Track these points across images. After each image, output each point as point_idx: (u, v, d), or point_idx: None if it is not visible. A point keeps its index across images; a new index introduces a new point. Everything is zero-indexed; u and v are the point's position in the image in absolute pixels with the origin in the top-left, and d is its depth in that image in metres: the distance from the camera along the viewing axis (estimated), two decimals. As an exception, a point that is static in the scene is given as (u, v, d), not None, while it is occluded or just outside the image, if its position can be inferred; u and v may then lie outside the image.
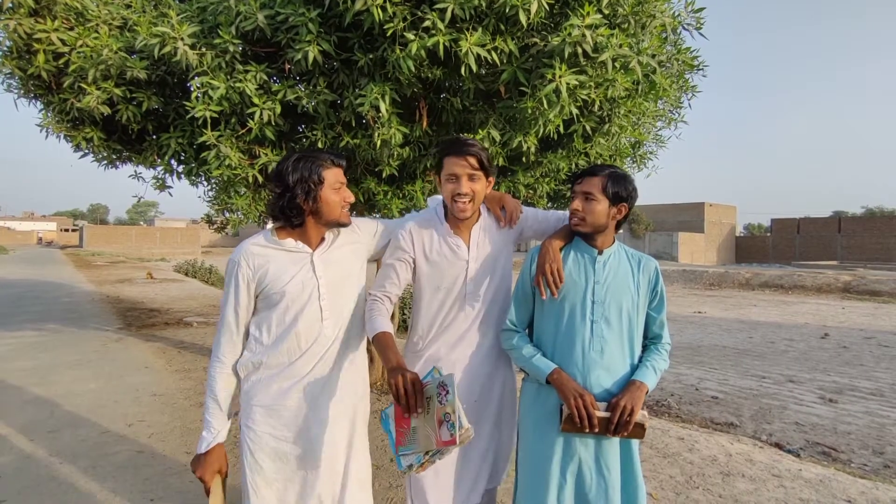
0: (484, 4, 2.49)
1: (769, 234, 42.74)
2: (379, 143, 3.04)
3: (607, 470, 1.63)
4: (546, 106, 2.65)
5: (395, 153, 3.29)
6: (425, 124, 3.37)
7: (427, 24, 2.52)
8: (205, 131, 2.98)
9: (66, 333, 7.37)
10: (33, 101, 3.57)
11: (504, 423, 1.87)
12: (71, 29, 3.12)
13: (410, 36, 2.55)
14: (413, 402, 1.40)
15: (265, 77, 2.96)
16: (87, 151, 3.66)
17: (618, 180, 1.65)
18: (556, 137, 3.36)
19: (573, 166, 3.99)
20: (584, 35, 2.45)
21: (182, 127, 3.31)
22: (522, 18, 2.46)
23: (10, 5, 3.04)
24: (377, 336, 1.61)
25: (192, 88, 3.04)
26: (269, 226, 1.74)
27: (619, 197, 1.66)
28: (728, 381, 6.27)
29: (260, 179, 3.35)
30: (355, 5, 2.46)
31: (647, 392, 1.61)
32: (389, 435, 1.45)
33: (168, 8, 2.97)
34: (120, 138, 3.68)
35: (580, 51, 2.51)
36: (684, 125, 4.75)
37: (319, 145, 3.23)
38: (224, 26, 2.78)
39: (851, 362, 7.37)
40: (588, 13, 2.47)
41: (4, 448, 3.42)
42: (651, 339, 1.76)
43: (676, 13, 3.00)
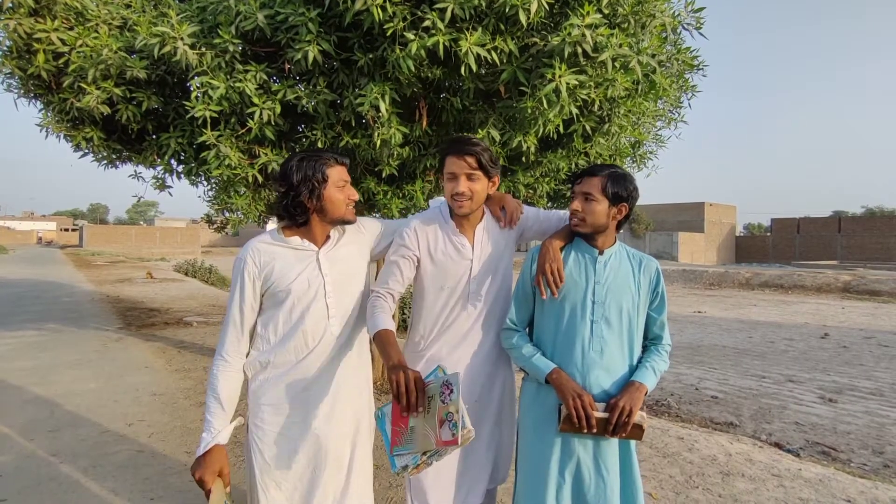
0: (484, 4, 2.49)
1: (769, 234, 42.74)
2: (379, 142, 3.04)
3: (606, 470, 1.62)
4: (546, 106, 2.65)
5: (394, 153, 3.29)
6: (425, 124, 3.37)
7: (427, 23, 2.52)
8: (204, 131, 2.98)
9: (66, 333, 7.37)
10: (33, 100, 3.58)
11: (504, 424, 1.87)
12: (71, 29, 3.12)
13: (410, 36, 2.55)
14: (414, 401, 1.37)
15: (265, 77, 2.96)
16: (86, 151, 3.66)
17: (618, 180, 1.64)
18: (555, 137, 3.36)
19: (573, 166, 3.99)
20: (583, 35, 2.45)
21: (182, 127, 3.31)
22: (522, 18, 2.46)
23: (10, 5, 3.04)
24: (378, 333, 1.59)
25: (191, 88, 3.04)
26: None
27: (619, 197, 1.65)
28: (728, 381, 6.28)
29: (260, 179, 3.35)
30: (355, 5, 2.46)
31: (646, 393, 1.60)
32: (384, 435, 1.43)
33: (168, 8, 2.97)
34: (120, 138, 3.68)
35: (580, 50, 2.51)
36: (684, 125, 4.76)
37: (319, 145, 3.23)
38: (224, 26, 2.79)
39: (851, 362, 7.37)
40: (588, 13, 2.47)
41: (4, 448, 3.42)
42: (651, 340, 1.75)
43: (676, 13, 3.00)
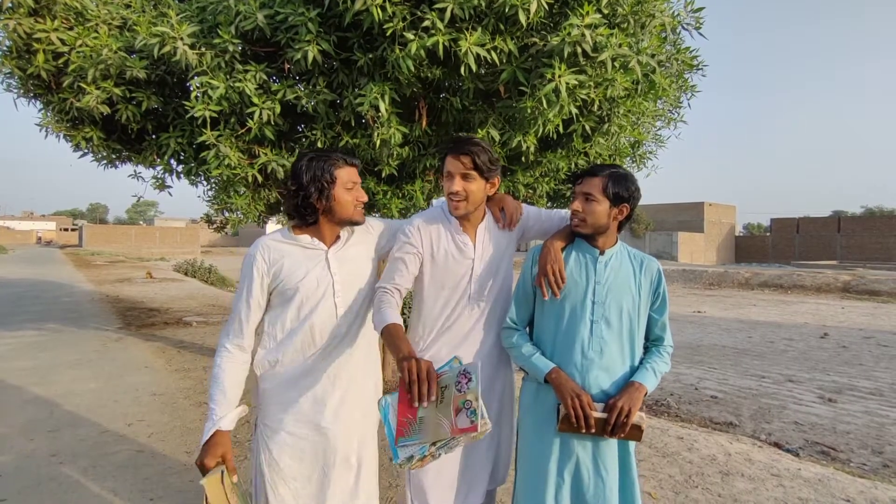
0: (483, 4, 2.49)
1: (769, 234, 42.73)
2: (378, 142, 3.04)
3: (605, 471, 1.62)
4: (545, 105, 2.65)
5: (394, 153, 3.29)
6: (424, 124, 3.37)
7: (426, 23, 2.52)
8: (204, 131, 2.98)
9: (65, 333, 7.37)
10: (33, 100, 3.58)
11: (504, 424, 1.87)
12: (70, 29, 3.12)
13: (410, 36, 2.55)
14: (426, 390, 1.32)
15: (265, 77, 2.96)
16: (86, 151, 3.66)
17: (619, 180, 1.63)
18: (555, 137, 3.36)
19: (573, 166, 3.99)
20: (583, 35, 2.46)
21: (181, 126, 3.31)
22: (522, 18, 2.46)
23: (10, 5, 3.04)
24: (387, 327, 1.55)
25: (191, 88, 3.04)
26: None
27: (620, 197, 1.64)
28: (727, 381, 6.28)
29: (259, 179, 3.35)
30: (355, 5, 2.47)
31: (645, 394, 1.60)
32: (387, 425, 1.37)
33: (167, 7, 2.97)
34: (119, 138, 3.68)
35: (579, 50, 2.51)
36: (684, 125, 4.76)
37: (319, 145, 3.23)
38: (223, 26, 2.79)
39: (851, 362, 7.38)
40: (587, 13, 2.47)
41: (4, 448, 3.42)
42: (653, 342, 1.75)
43: (676, 13, 3.00)
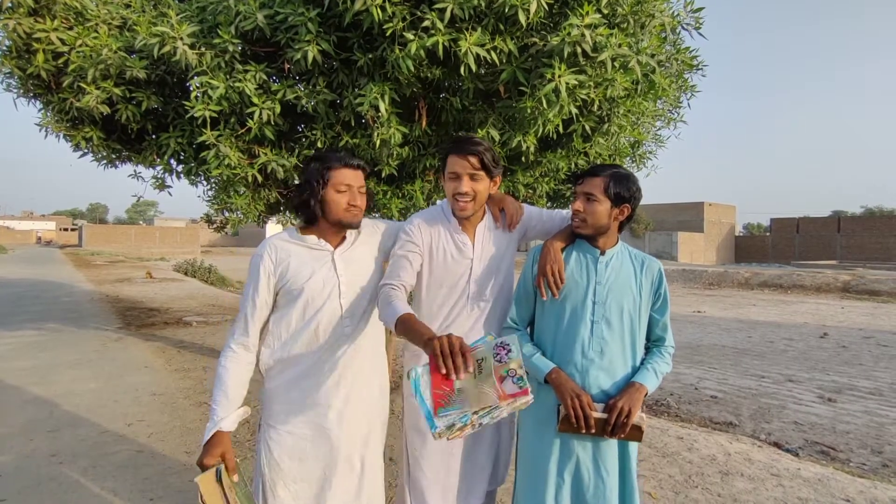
0: (483, 4, 2.49)
1: (768, 234, 42.74)
2: (378, 142, 3.04)
3: (605, 471, 1.62)
4: (545, 105, 2.65)
5: (394, 153, 3.29)
6: (424, 124, 3.37)
7: (426, 23, 2.52)
8: (204, 131, 2.98)
9: (65, 333, 7.37)
10: (33, 100, 3.57)
11: (504, 425, 1.87)
12: (70, 28, 3.12)
13: (410, 36, 2.55)
14: (460, 361, 1.25)
15: (264, 77, 2.96)
16: (86, 151, 3.66)
17: (620, 181, 1.63)
18: (555, 137, 3.36)
19: (572, 166, 4.00)
20: (583, 35, 2.46)
21: (181, 126, 3.31)
22: (522, 18, 2.47)
23: (10, 5, 3.04)
24: (401, 318, 1.47)
25: (191, 88, 3.04)
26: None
27: (621, 198, 1.63)
28: (727, 381, 6.28)
29: (259, 179, 3.35)
30: (355, 5, 2.47)
31: (645, 395, 1.60)
32: (420, 397, 1.31)
33: (167, 7, 2.97)
34: (119, 138, 3.68)
35: (579, 50, 2.51)
36: (683, 125, 4.77)
37: (319, 145, 3.24)
38: (223, 26, 2.79)
39: (850, 362, 7.38)
40: (587, 13, 2.47)
41: (4, 448, 3.42)
42: (654, 342, 1.75)
43: (675, 13, 3.01)
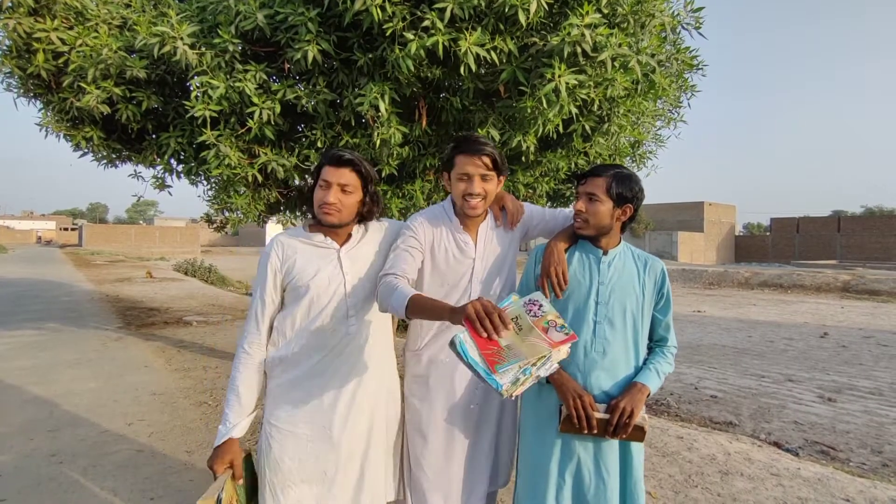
0: (483, 4, 2.49)
1: (769, 234, 42.73)
2: (378, 142, 3.04)
3: (606, 472, 1.62)
4: (545, 105, 2.65)
5: (394, 152, 3.29)
6: (424, 124, 3.37)
7: (426, 23, 2.52)
8: (204, 130, 2.98)
9: (65, 332, 7.37)
10: (33, 100, 3.58)
11: (505, 426, 1.87)
12: (70, 28, 3.12)
13: (410, 35, 2.55)
14: (497, 321, 1.22)
15: (265, 76, 2.96)
16: (86, 150, 3.66)
17: (622, 180, 1.63)
18: (555, 137, 3.36)
19: (572, 166, 4.00)
20: (583, 34, 2.46)
21: (182, 126, 3.31)
22: (522, 18, 2.47)
23: (10, 4, 3.04)
24: (412, 299, 1.42)
25: (191, 88, 3.04)
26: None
27: (623, 198, 1.63)
28: (727, 380, 6.28)
29: (259, 178, 3.35)
30: (355, 5, 2.47)
31: (648, 395, 1.59)
32: (472, 362, 1.26)
33: (168, 7, 2.97)
34: (119, 137, 3.68)
35: (579, 50, 2.51)
36: (684, 124, 4.77)
37: (319, 145, 3.24)
38: (223, 26, 2.79)
39: (850, 361, 7.38)
40: (587, 12, 2.47)
41: (4, 447, 3.42)
42: (656, 342, 1.74)
43: (675, 12, 3.01)
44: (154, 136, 3.63)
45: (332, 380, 1.63)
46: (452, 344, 1.27)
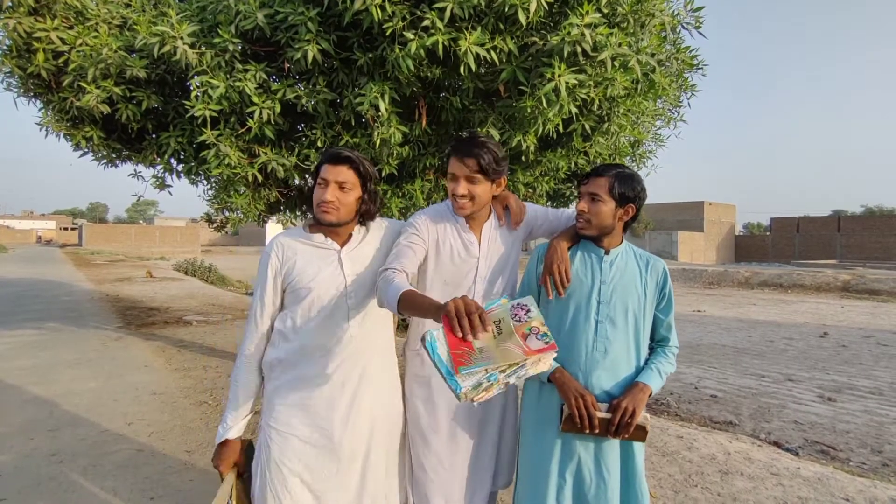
0: (483, 3, 2.49)
1: (769, 233, 42.73)
2: (378, 142, 3.04)
3: (607, 472, 1.62)
4: (545, 105, 2.65)
5: (394, 152, 3.29)
6: (424, 123, 3.37)
7: (426, 23, 2.52)
8: (204, 130, 2.98)
9: (65, 332, 7.37)
10: (33, 99, 3.58)
11: (507, 426, 1.86)
12: (70, 28, 3.12)
13: (409, 35, 2.55)
14: (476, 321, 1.16)
15: (264, 76, 2.96)
16: (86, 150, 3.66)
17: (625, 180, 1.63)
18: (555, 136, 3.36)
19: (572, 165, 3.99)
20: (583, 34, 2.46)
21: (182, 126, 3.31)
22: (521, 17, 2.47)
23: (10, 4, 3.04)
24: (404, 294, 1.40)
25: (191, 87, 3.04)
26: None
27: (625, 198, 1.63)
28: (727, 380, 6.28)
29: (259, 178, 3.35)
30: (354, 5, 2.47)
31: (650, 395, 1.59)
32: (437, 358, 1.22)
33: (168, 7, 2.98)
34: (119, 137, 3.68)
35: (579, 50, 2.51)
36: (684, 124, 4.76)
37: (319, 144, 3.24)
38: (223, 25, 2.79)
39: (850, 361, 7.38)
40: (587, 12, 2.47)
41: (4, 447, 3.42)
42: (658, 342, 1.74)
43: (675, 12, 3.01)
44: (154, 135, 3.63)
45: (332, 381, 1.62)
46: (423, 339, 1.23)
